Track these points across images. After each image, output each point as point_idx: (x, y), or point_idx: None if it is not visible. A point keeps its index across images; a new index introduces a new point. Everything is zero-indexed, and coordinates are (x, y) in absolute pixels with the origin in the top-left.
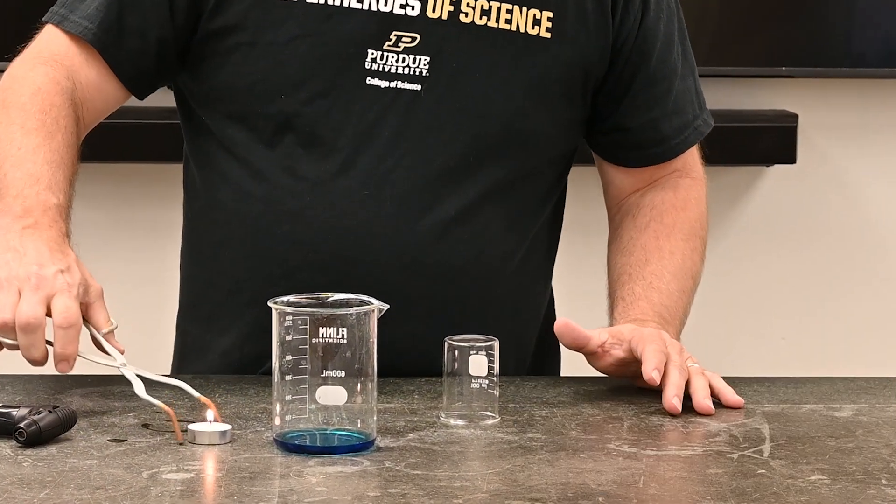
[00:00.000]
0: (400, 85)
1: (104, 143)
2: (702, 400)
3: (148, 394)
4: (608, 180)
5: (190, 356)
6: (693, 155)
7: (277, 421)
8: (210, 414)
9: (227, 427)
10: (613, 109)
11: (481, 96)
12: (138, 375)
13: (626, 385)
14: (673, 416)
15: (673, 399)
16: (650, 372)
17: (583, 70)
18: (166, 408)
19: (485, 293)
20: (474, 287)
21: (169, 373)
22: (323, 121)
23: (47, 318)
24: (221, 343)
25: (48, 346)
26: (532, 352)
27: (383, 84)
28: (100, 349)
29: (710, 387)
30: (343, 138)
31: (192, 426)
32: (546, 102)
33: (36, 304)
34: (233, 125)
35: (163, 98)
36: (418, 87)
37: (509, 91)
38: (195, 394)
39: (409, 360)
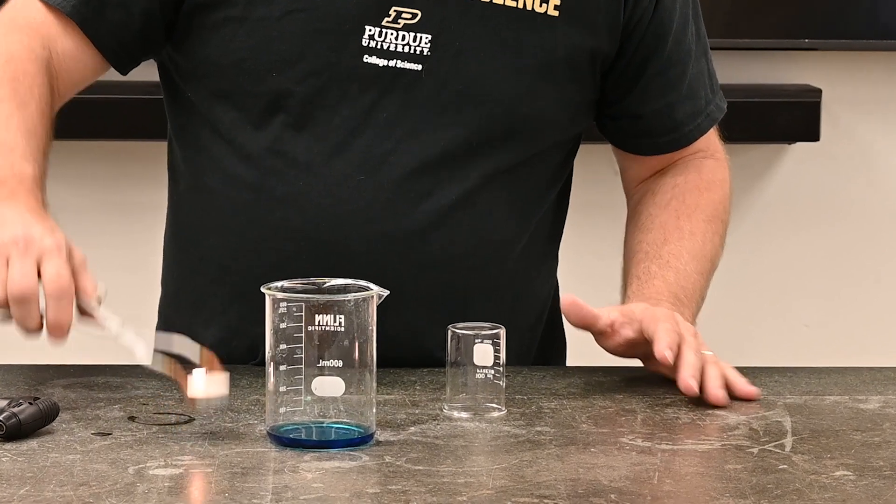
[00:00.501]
0: (399, 64)
1: (84, 120)
2: (715, 389)
3: (150, 361)
4: (624, 166)
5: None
6: (714, 136)
7: (271, 414)
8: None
9: (224, 374)
10: (624, 94)
11: (485, 77)
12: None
13: (640, 376)
14: (689, 400)
15: (689, 379)
16: (663, 350)
17: (592, 51)
18: (174, 374)
19: (485, 281)
20: (474, 275)
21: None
22: (316, 101)
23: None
24: (207, 335)
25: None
26: (536, 341)
27: (381, 63)
28: (86, 317)
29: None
30: (337, 119)
31: (191, 393)
32: (553, 84)
33: (28, 271)
34: (220, 104)
35: (147, 72)
36: (419, 67)
37: (515, 72)
38: (196, 347)
39: (407, 351)
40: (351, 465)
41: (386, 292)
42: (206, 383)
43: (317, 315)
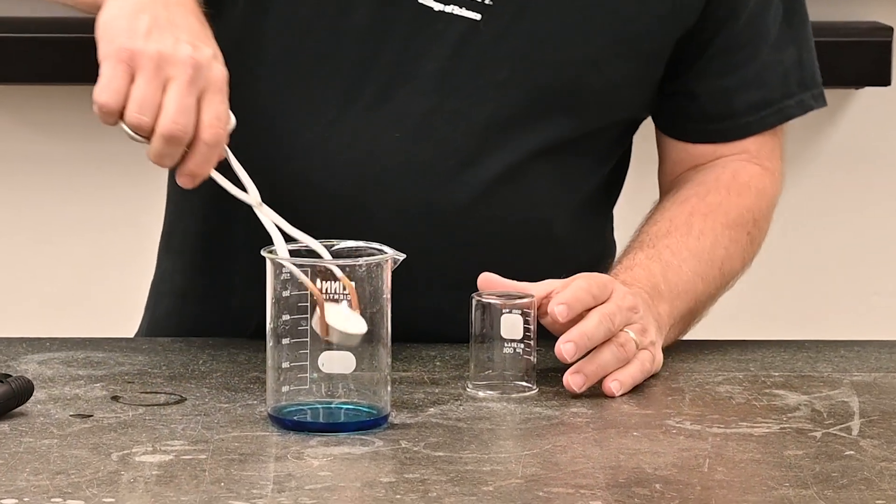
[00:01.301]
0: (456, 11)
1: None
2: (596, 368)
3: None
4: (665, 154)
5: (163, 299)
6: (771, 143)
7: (272, 393)
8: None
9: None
10: (684, 69)
11: (552, 38)
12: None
13: (688, 350)
14: (745, 378)
15: (566, 344)
16: (554, 305)
17: (675, 22)
18: (315, 289)
19: (526, 262)
20: (515, 255)
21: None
22: (353, 40)
23: None
24: (207, 290)
25: None
26: None
27: (437, 7)
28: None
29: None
30: (377, 66)
31: (330, 320)
32: (628, 56)
33: (189, 108)
34: (241, 30)
35: None
36: (478, 17)
37: (587, 37)
38: (339, 273)
39: (435, 336)
40: (362, 450)
41: (402, 256)
42: (348, 317)
43: (324, 282)
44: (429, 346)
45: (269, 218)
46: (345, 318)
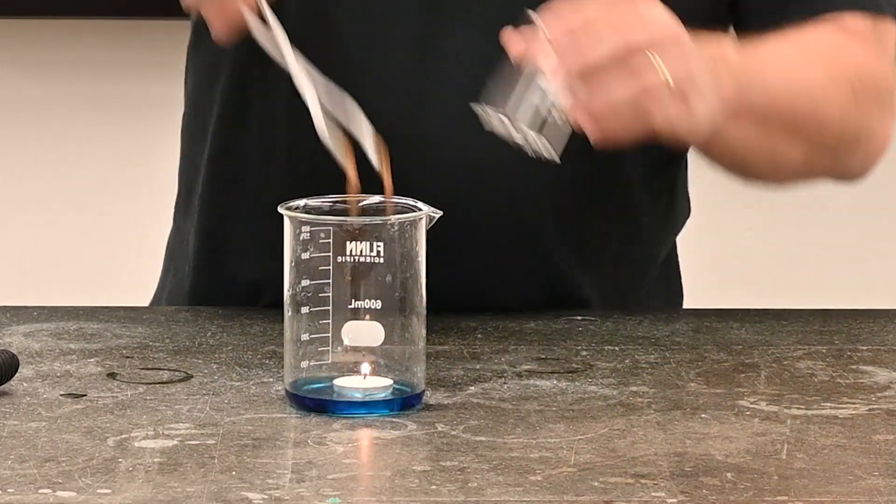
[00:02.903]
0: None
1: None
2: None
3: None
4: None
5: (177, 258)
6: (873, 31)
7: (291, 369)
8: None
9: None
10: None
11: None
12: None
13: (763, 320)
14: (829, 352)
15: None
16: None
17: None
18: (347, 156)
19: (578, 220)
20: (567, 208)
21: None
22: None
23: None
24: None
25: None
26: (644, 291)
27: None
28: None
29: None
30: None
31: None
32: None
33: None
34: None
35: None
36: None
37: None
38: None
39: (473, 305)
40: (393, 435)
41: (438, 213)
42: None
43: (349, 242)
44: (468, 316)
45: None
46: (362, 330)
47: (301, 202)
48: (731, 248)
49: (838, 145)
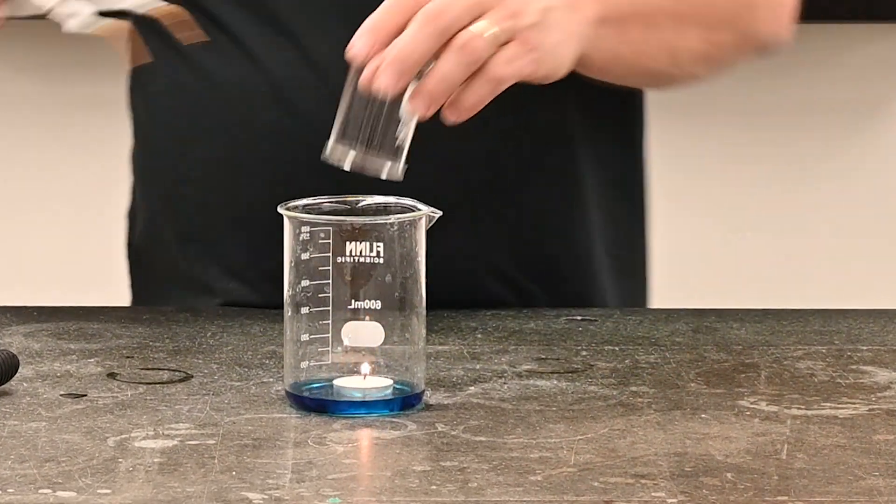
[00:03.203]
0: None
1: None
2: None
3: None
4: None
5: (150, 284)
6: None
7: (291, 369)
8: None
9: None
10: None
11: None
12: None
13: (763, 321)
14: (829, 352)
15: (418, 98)
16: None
17: None
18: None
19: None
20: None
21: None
22: None
23: None
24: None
25: None
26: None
27: None
28: None
29: None
30: None
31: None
32: None
33: None
34: None
35: None
36: None
37: None
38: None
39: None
40: (393, 435)
41: (438, 213)
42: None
43: (349, 242)
44: (468, 314)
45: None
46: (362, 330)
47: (301, 202)
48: (731, 248)
49: (734, 17)
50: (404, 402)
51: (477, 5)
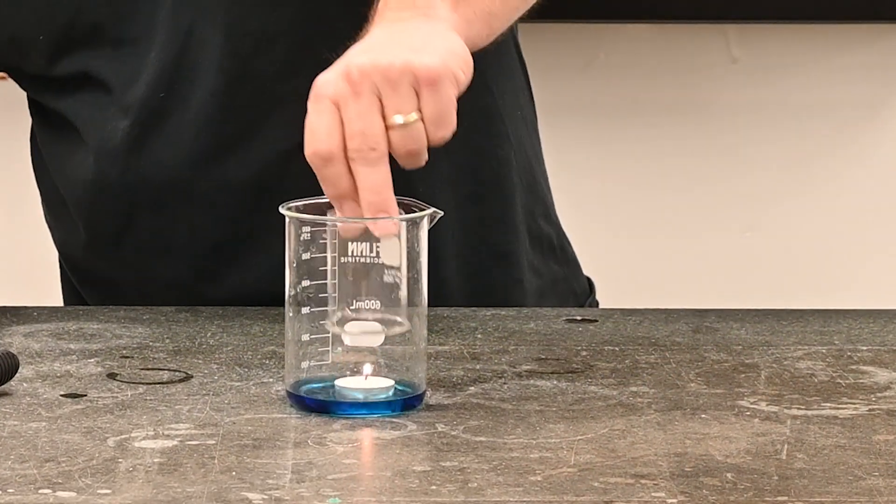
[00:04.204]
0: None
1: None
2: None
3: None
4: None
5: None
6: None
7: (291, 369)
8: None
9: None
10: None
11: None
12: None
13: (763, 321)
14: (829, 352)
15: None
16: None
17: None
18: None
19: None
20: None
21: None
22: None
23: None
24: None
25: None
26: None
27: None
28: None
29: None
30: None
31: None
32: None
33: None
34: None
35: None
36: None
37: None
38: None
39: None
40: (393, 435)
41: (440, 213)
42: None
43: (350, 242)
44: (468, 315)
45: None
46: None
47: (301, 202)
48: (731, 248)
49: None
50: (406, 402)
51: (371, 109)
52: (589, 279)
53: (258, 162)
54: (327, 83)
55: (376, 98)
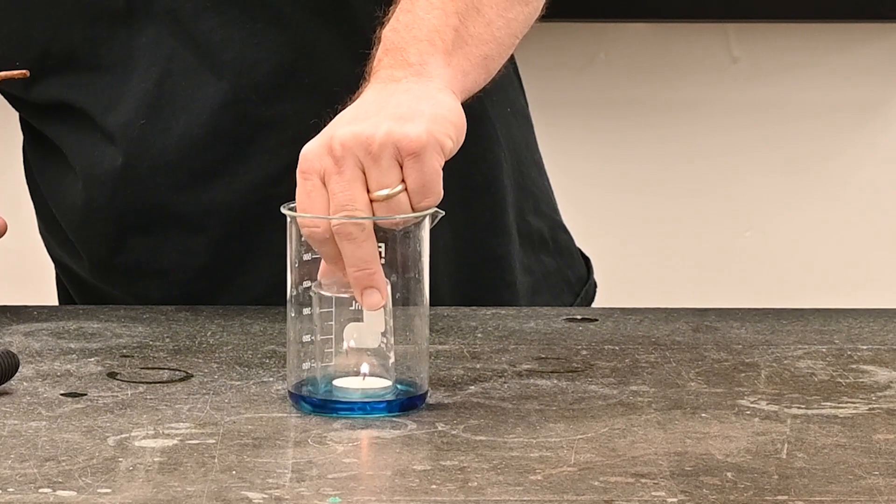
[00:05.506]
0: None
1: None
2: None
3: None
4: None
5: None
6: None
7: (292, 369)
8: None
9: None
10: None
11: None
12: None
13: (763, 320)
14: (830, 351)
15: (365, 294)
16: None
17: None
18: None
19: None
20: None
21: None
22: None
23: None
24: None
25: None
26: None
27: None
28: None
29: None
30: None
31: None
32: None
33: None
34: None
35: None
36: None
37: None
38: None
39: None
40: (394, 434)
41: (441, 213)
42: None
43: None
44: (468, 314)
45: None
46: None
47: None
48: (731, 248)
49: None
50: (408, 402)
51: (354, 184)
52: (586, 258)
53: (245, 186)
54: (313, 157)
55: (360, 171)
